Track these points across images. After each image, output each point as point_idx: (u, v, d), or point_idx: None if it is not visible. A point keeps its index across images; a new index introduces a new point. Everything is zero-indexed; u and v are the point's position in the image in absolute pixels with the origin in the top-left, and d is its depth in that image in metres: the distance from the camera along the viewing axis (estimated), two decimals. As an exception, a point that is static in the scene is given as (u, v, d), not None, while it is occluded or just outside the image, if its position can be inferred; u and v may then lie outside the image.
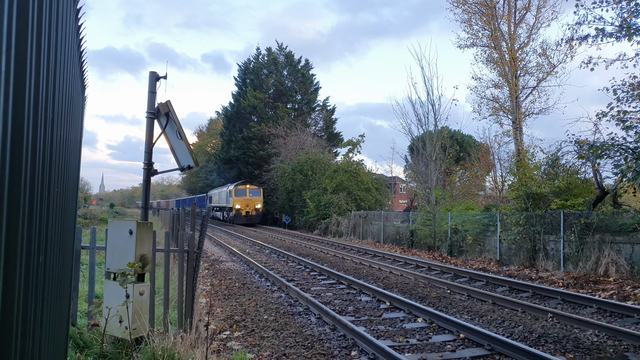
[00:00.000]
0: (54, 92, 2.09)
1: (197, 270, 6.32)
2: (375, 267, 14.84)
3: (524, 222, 15.56)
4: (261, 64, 56.80)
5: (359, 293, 10.61)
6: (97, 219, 39.28)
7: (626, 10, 12.17)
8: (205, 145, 78.96)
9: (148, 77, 7.05)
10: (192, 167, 6.98)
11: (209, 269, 14.23)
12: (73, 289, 5.81)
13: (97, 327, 5.58)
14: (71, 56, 2.88)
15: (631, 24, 11.66)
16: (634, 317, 8.30)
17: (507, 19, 26.31)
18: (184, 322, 6.03)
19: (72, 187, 3.84)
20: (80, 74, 3.88)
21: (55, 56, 2.06)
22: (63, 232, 3.16)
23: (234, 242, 24.33)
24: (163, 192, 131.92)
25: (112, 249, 5.65)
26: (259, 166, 49.28)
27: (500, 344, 6.36)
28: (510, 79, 25.95)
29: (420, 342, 6.85)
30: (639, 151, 11.22)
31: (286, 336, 7.16)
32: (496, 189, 30.94)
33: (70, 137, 3.33)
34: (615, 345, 6.80)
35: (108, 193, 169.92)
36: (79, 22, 3.13)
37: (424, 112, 23.70)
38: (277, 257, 17.71)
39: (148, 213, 7.29)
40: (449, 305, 9.39)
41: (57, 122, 2.32)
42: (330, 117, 55.65)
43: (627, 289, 10.74)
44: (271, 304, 9.42)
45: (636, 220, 12.40)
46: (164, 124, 6.98)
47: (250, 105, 53.86)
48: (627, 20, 11.83)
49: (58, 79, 2.23)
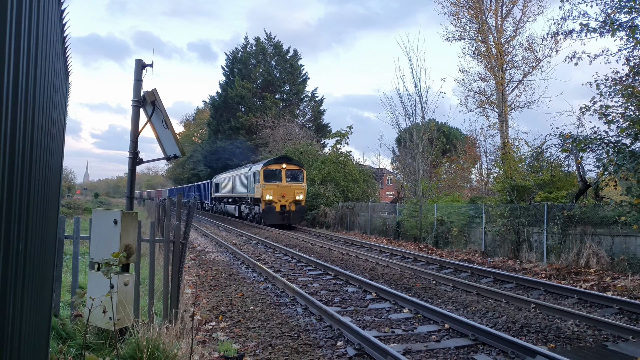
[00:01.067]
0: (35, 77, 2.04)
1: (183, 261, 6.28)
2: (362, 258, 14.91)
3: (509, 214, 15.74)
4: (249, 53, 56.37)
5: (346, 284, 10.66)
6: (81, 208, 38.81)
7: (610, 6, 12.29)
8: (192, 135, 78.33)
9: (134, 65, 6.94)
10: (178, 156, 6.90)
11: (195, 260, 14.17)
12: (56, 279, 5.74)
13: (80, 318, 5.53)
14: (54, 41, 2.82)
15: (614, 19, 11.76)
16: (613, 308, 8.47)
17: (495, 12, 26.42)
18: (169, 312, 6.00)
19: (54, 176, 3.77)
20: (63, 60, 3.80)
21: (37, 40, 2.01)
22: (45, 221, 3.11)
23: (220, 233, 24.26)
24: (149, 181, 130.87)
25: (97, 239, 5.59)
26: (247, 157, 49.06)
27: (484, 334, 6.45)
28: (496, 72, 26.11)
29: (406, 333, 6.91)
30: (620, 145, 11.38)
31: (272, 327, 7.17)
32: (482, 181, 31.22)
33: (53, 124, 3.27)
34: (595, 335, 6.93)
35: (93, 182, 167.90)
36: (62, 6, 3.06)
37: (412, 105, 23.75)
38: (264, 248, 17.69)
39: (133, 203, 7.21)
40: (434, 296, 9.48)
41: (39, 108, 2.27)
42: (318, 108, 55.51)
43: (607, 280, 10.94)
44: (257, 295, 9.42)
45: (617, 213, 12.61)
46: (150, 112, 6.89)
47: (238, 95, 53.51)
48: (611, 16, 11.94)
49: (40, 64, 2.18)
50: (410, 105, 23.84)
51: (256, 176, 28.25)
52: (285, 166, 27.81)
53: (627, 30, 11.46)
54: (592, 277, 11.36)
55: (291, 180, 27.71)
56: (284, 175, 27.57)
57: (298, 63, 56.66)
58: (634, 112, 12.04)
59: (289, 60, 56.17)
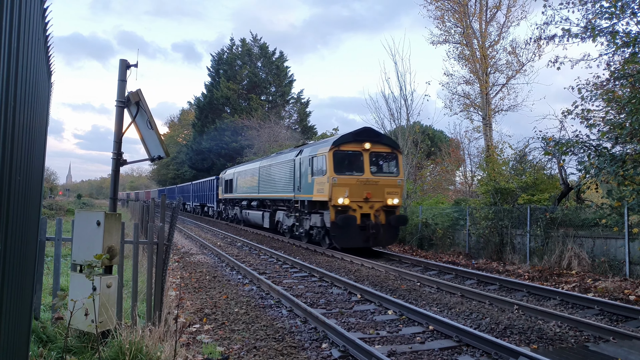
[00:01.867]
0: (16, 76, 2.00)
1: (167, 263, 6.22)
2: (347, 260, 14.92)
3: (492, 216, 15.90)
4: (235, 54, 56.19)
5: (331, 286, 10.66)
6: (64, 210, 38.25)
7: (591, 11, 12.51)
8: (176, 136, 77.74)
9: (118, 65, 6.87)
10: (162, 157, 6.84)
11: (179, 262, 14.05)
12: (36, 281, 5.64)
13: (61, 321, 5.44)
14: (36, 39, 2.77)
15: (595, 25, 11.97)
16: (594, 309, 8.60)
17: (479, 17, 26.71)
18: (153, 315, 5.93)
19: (36, 177, 3.71)
20: (46, 59, 3.74)
21: (18, 38, 1.97)
22: (26, 223, 3.05)
23: (205, 235, 24.08)
24: (133, 183, 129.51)
25: (79, 241, 5.51)
26: (232, 158, 48.81)
27: (468, 335, 6.49)
28: (481, 75, 26.39)
29: (391, 334, 6.93)
30: (601, 148, 11.58)
31: (257, 329, 7.13)
32: (466, 183, 31.48)
33: (35, 124, 3.22)
34: (576, 335, 7.03)
35: (75, 184, 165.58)
36: (44, 4, 3.02)
37: (397, 107, 23.92)
38: (249, 250, 17.61)
39: (117, 204, 7.13)
40: (418, 298, 9.52)
41: (20, 107, 2.23)
42: (304, 110, 55.54)
43: (589, 282, 11.11)
44: (242, 297, 9.37)
45: (598, 215, 12.83)
46: (134, 113, 6.82)
47: (223, 96, 53.29)
48: (592, 22, 12.15)
49: (21, 62, 2.14)
50: (396, 108, 24.02)
51: (317, 164, 16.76)
52: (369, 147, 16.29)
53: (608, 35, 11.67)
54: (574, 279, 11.53)
55: (378, 173, 16.70)
56: (367, 160, 16.28)
57: (284, 65, 56.64)
58: (614, 116, 12.27)
59: (275, 61, 56.12)
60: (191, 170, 59.43)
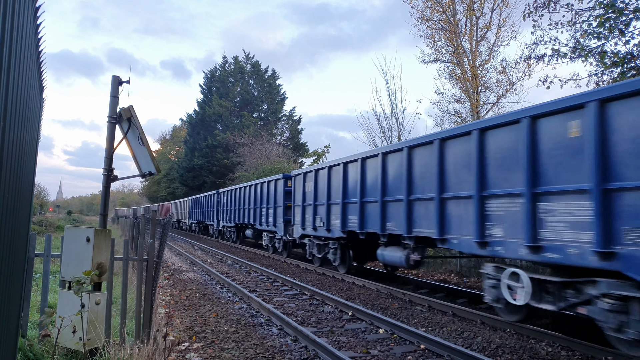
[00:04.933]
0: (7, 91, 2.00)
1: (157, 280, 6.16)
2: (338, 278, 14.85)
3: (484, 234, 15.90)
4: (227, 72, 56.53)
5: (322, 304, 10.58)
6: (54, 226, 37.85)
7: (580, 32, 12.76)
8: (168, 152, 77.62)
9: (110, 82, 6.88)
10: (153, 173, 6.82)
11: (169, 279, 13.90)
12: (24, 298, 5.56)
13: (48, 338, 5.34)
14: (29, 55, 2.78)
15: (584, 45, 12.20)
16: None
17: (469, 36, 27.12)
18: (142, 333, 5.85)
19: (25, 193, 3.69)
20: (38, 74, 3.75)
21: (10, 53, 1.98)
22: (14, 239, 3.02)
23: (195, 252, 23.88)
24: (123, 199, 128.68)
25: (68, 257, 5.45)
26: (223, 175, 48.73)
27: (460, 354, 6.46)
28: (471, 94, 26.69)
29: (382, 353, 6.87)
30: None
31: (247, 347, 7.05)
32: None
33: (26, 140, 3.21)
34: (569, 355, 7.01)
35: (66, 200, 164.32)
36: (37, 20, 3.03)
37: (388, 125, 24.11)
38: (240, 268, 17.47)
39: (107, 220, 7.07)
40: (410, 316, 9.47)
41: (10, 122, 2.23)
42: (296, 127, 55.77)
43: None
44: (232, 315, 9.27)
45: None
46: (125, 129, 6.82)
47: (215, 113, 53.44)
48: (581, 42, 12.39)
49: (13, 77, 2.15)
50: (387, 126, 24.20)
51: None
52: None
53: (597, 55, 11.89)
54: (565, 297, 11.52)
55: None
56: None
57: (276, 82, 57.03)
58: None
59: (267, 79, 56.51)
60: (182, 187, 59.21)
